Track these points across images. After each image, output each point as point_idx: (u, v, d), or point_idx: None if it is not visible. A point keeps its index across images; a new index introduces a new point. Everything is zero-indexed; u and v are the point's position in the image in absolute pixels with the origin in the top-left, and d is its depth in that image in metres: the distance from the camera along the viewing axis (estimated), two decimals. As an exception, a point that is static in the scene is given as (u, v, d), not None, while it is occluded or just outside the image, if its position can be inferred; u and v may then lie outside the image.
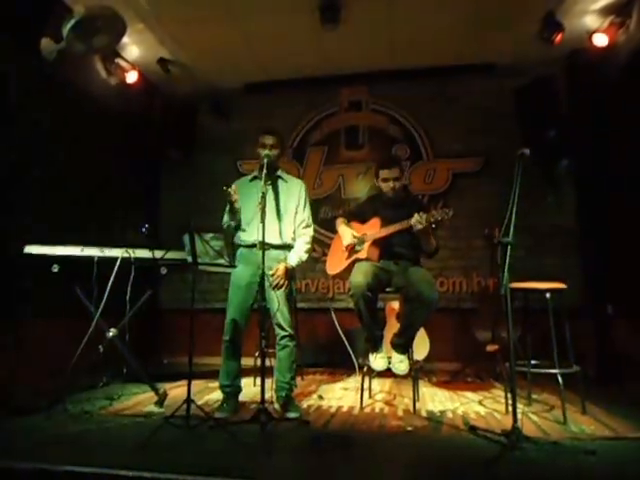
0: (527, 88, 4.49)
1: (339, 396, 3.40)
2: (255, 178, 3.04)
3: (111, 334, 3.14)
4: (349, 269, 3.06)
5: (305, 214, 3.05)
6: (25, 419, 2.73)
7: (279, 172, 3.07)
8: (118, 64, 4.52)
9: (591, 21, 4.06)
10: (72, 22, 3.11)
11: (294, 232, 3.01)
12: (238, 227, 3.01)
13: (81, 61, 4.16)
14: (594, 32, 4.01)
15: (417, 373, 3.12)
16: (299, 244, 2.99)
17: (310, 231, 3.06)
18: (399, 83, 5.15)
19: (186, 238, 2.59)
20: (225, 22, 4.18)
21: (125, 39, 3.93)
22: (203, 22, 4.17)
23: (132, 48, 4.50)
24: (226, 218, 3.06)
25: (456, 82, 5.02)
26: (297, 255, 2.95)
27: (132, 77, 4.66)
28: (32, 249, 2.98)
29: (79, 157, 4.08)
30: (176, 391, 3.39)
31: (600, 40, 3.97)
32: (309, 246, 3.03)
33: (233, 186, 2.89)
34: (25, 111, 3.57)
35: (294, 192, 3.05)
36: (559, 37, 4.00)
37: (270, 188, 2.95)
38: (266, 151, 2.88)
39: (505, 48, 4.52)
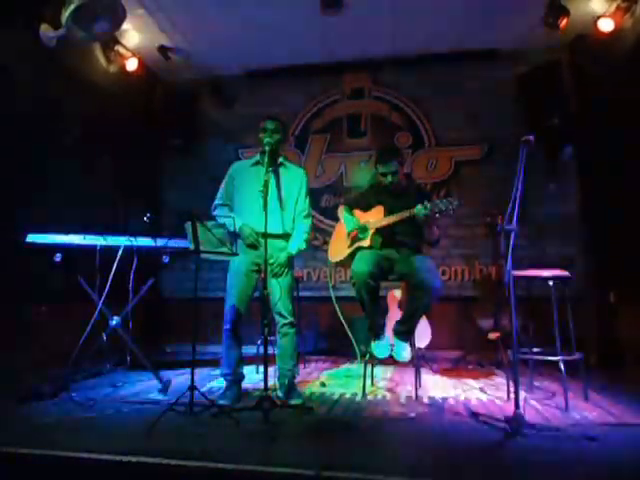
0: (531, 74, 4.45)
1: (342, 383, 3.42)
2: (257, 163, 3.00)
3: (114, 322, 3.16)
4: (351, 257, 3.06)
5: (306, 203, 3.04)
6: (30, 405, 2.75)
7: (281, 159, 3.04)
8: (118, 51, 4.48)
9: (597, 6, 3.99)
10: (71, 8, 3.08)
11: (294, 221, 3.01)
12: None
13: (81, 48, 4.12)
14: (600, 17, 3.95)
15: (419, 361, 3.14)
16: (299, 233, 2.99)
17: (310, 221, 3.06)
18: (401, 70, 5.10)
19: (188, 226, 2.59)
20: (226, 8, 4.13)
21: (125, 26, 3.89)
22: (204, 8, 4.13)
23: (132, 35, 4.46)
24: (220, 202, 3.07)
25: (458, 69, 4.96)
26: (297, 244, 2.96)
27: (132, 64, 4.62)
28: (34, 238, 2.97)
29: (80, 146, 4.06)
30: (179, 379, 3.41)
31: (606, 25, 3.91)
32: (308, 236, 3.03)
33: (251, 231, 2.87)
34: (25, 100, 3.54)
35: (296, 180, 3.03)
36: (564, 22, 3.95)
37: (272, 176, 2.93)
38: (267, 138, 2.86)
39: (508, 33, 4.47)
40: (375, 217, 3.09)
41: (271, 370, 2.63)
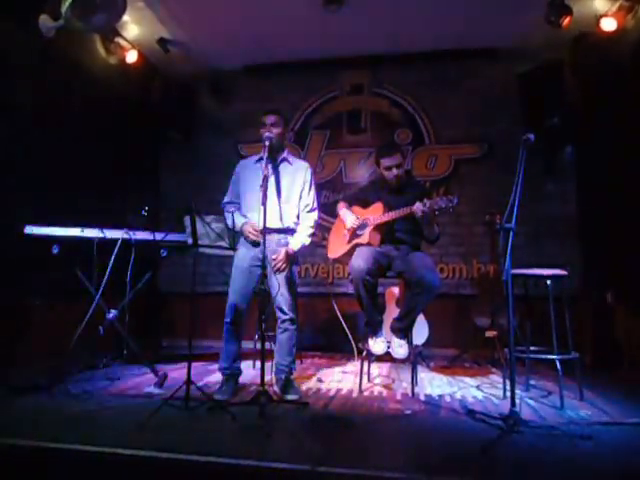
0: (531, 73, 4.43)
1: (338, 379, 3.42)
2: (261, 159, 2.97)
3: (111, 315, 3.15)
4: (350, 253, 3.05)
5: (310, 198, 3.02)
6: (27, 398, 2.74)
7: (284, 154, 3.03)
8: (118, 43, 4.45)
9: (600, 5, 3.97)
10: (71, -1, 3.06)
11: (297, 216, 2.99)
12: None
13: (80, 39, 4.09)
14: (602, 16, 3.94)
15: (416, 358, 3.14)
16: (302, 228, 2.98)
17: (314, 215, 3.04)
18: (402, 67, 5.09)
19: (187, 220, 2.58)
20: (226, 2, 4.10)
21: (125, 18, 3.86)
22: (204, 2, 4.09)
23: (132, 27, 4.43)
24: (227, 200, 3.10)
25: (459, 66, 4.95)
26: (299, 239, 2.94)
27: (132, 57, 4.59)
28: (32, 229, 2.97)
29: (78, 138, 4.03)
30: (175, 373, 3.41)
31: (608, 24, 3.90)
32: (312, 230, 3.01)
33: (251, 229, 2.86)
34: (24, 91, 3.52)
35: (299, 175, 3.01)
36: (567, 21, 3.93)
37: (273, 170, 2.92)
38: (267, 132, 2.85)
39: (510, 32, 4.44)
40: (374, 214, 3.09)
41: (268, 365, 2.63)
